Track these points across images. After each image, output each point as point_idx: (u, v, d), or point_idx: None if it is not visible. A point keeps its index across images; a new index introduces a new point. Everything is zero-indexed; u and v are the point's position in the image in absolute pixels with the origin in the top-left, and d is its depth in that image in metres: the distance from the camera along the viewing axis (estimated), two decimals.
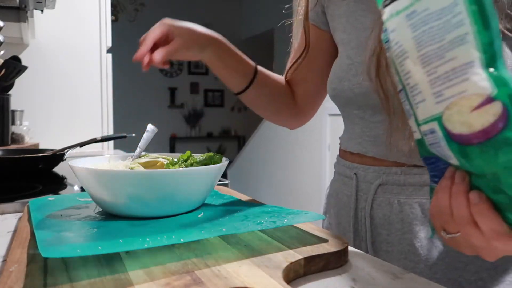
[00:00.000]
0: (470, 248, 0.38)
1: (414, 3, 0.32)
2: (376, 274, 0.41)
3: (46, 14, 1.63)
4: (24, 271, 0.36)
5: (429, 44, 0.31)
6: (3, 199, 0.68)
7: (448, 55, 0.30)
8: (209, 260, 0.39)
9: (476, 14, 0.29)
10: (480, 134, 0.29)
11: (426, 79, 0.32)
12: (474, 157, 0.31)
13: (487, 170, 0.31)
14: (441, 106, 0.31)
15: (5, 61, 1.38)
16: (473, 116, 0.29)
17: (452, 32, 0.30)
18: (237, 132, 6.83)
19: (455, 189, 0.35)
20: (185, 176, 0.50)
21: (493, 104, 0.28)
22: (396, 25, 0.34)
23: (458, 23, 0.29)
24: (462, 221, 0.35)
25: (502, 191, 0.31)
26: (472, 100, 0.29)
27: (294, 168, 3.44)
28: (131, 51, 0.72)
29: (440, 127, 0.32)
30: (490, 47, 0.29)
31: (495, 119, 0.28)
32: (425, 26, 0.31)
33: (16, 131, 1.58)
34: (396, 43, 0.34)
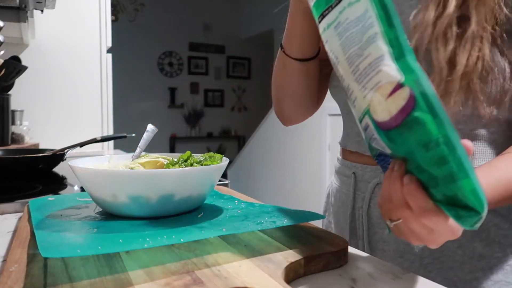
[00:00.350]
0: (412, 235, 0.39)
1: (339, 16, 0.37)
2: (376, 274, 0.41)
3: (46, 14, 1.63)
4: (24, 271, 0.36)
5: (352, 47, 0.36)
6: (3, 199, 0.68)
7: (365, 52, 0.35)
8: (209, 260, 0.39)
9: (382, 16, 0.34)
10: (396, 117, 0.33)
11: (353, 78, 0.37)
12: (396, 140, 0.34)
13: (406, 150, 0.34)
14: (367, 100, 0.36)
15: (5, 61, 1.38)
16: (389, 103, 0.33)
17: (366, 33, 0.35)
18: (237, 132, 6.83)
19: (393, 175, 0.37)
20: (185, 176, 0.50)
21: (403, 90, 0.32)
22: (328, 36, 0.39)
23: (370, 25, 0.35)
24: (398, 203, 0.37)
25: (423, 169, 0.34)
26: (386, 88, 0.33)
27: (294, 168, 3.44)
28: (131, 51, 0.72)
29: (370, 119, 0.36)
30: (396, 42, 0.33)
31: (405, 102, 0.32)
32: (347, 32, 0.36)
33: (16, 131, 1.58)
34: (331, 51, 0.39)
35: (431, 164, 0.33)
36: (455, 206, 0.34)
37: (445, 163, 0.31)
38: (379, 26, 0.34)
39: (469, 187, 0.31)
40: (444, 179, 0.32)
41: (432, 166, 0.33)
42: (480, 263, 0.57)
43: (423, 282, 0.40)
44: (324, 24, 0.39)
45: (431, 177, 0.34)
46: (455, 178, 0.31)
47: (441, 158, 0.31)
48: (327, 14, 0.38)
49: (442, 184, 0.33)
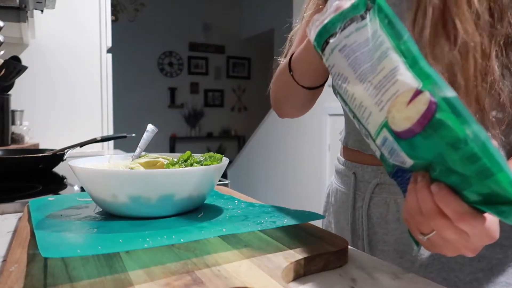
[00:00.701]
0: (448, 247, 0.38)
1: (343, 40, 0.39)
2: (376, 274, 0.41)
3: (46, 14, 1.63)
4: (24, 271, 0.36)
5: (363, 64, 0.37)
6: (3, 199, 0.68)
7: (378, 68, 0.36)
8: (209, 260, 0.39)
9: (390, 32, 0.36)
10: (419, 123, 0.33)
11: (366, 94, 0.37)
12: (420, 146, 0.34)
13: (434, 154, 0.34)
14: (384, 112, 0.36)
15: (5, 61, 1.38)
16: (409, 109, 0.34)
17: (378, 51, 0.36)
18: (237, 132, 6.83)
19: (418, 186, 0.37)
20: (185, 176, 0.50)
21: (422, 95, 0.33)
22: (333, 60, 0.40)
23: (381, 42, 0.36)
24: (430, 214, 0.36)
25: (453, 172, 0.34)
26: (405, 96, 0.34)
27: (294, 168, 3.44)
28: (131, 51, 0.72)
29: (389, 132, 0.36)
30: (408, 52, 0.35)
31: (427, 106, 0.33)
32: (356, 53, 0.38)
33: (16, 131, 1.58)
34: (337, 74, 0.40)
35: (462, 163, 0.32)
36: (493, 204, 0.33)
37: (477, 159, 0.31)
38: (389, 42, 0.36)
39: (506, 179, 0.31)
40: (478, 177, 0.32)
41: (463, 165, 0.32)
42: (480, 264, 0.57)
43: (423, 282, 0.40)
44: (328, 50, 0.40)
45: (463, 178, 0.33)
46: (489, 173, 0.31)
47: (472, 155, 0.31)
48: (331, 40, 0.40)
49: (476, 182, 0.32)
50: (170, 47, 6.20)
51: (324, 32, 0.40)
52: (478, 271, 0.57)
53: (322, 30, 0.40)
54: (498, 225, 0.38)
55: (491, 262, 0.57)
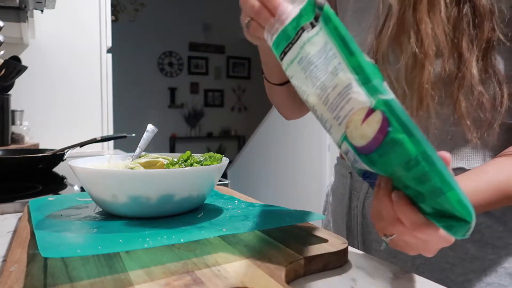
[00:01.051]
0: (408, 247, 0.40)
1: (300, 51, 0.39)
2: (376, 274, 0.41)
3: (46, 14, 1.63)
4: (24, 271, 0.36)
5: (318, 79, 0.37)
6: (3, 199, 0.68)
7: (332, 83, 0.36)
8: (209, 260, 0.39)
9: (342, 46, 0.36)
10: (373, 141, 0.34)
11: (325, 108, 0.38)
12: (378, 163, 0.35)
13: (390, 171, 0.35)
14: (342, 126, 0.36)
15: (5, 61, 1.38)
16: (364, 128, 0.34)
17: (330, 65, 0.36)
18: (237, 132, 6.83)
19: (380, 193, 0.38)
20: (185, 176, 0.50)
21: (375, 114, 0.33)
22: (293, 72, 0.40)
23: (332, 56, 0.36)
24: (390, 220, 0.38)
25: (408, 187, 0.35)
26: (359, 114, 0.34)
27: (294, 168, 3.44)
28: (131, 51, 0.72)
29: (349, 145, 0.37)
30: (360, 68, 0.34)
31: (380, 126, 0.33)
32: (312, 65, 0.38)
33: (16, 131, 1.58)
34: (298, 86, 0.40)
35: (414, 182, 0.33)
36: (444, 218, 0.34)
37: (428, 179, 0.32)
38: (341, 56, 0.35)
39: (455, 198, 0.32)
40: (430, 194, 0.33)
41: (416, 183, 0.33)
42: (472, 264, 0.56)
43: (423, 282, 0.40)
44: (287, 61, 0.40)
45: (417, 193, 0.34)
46: (440, 192, 0.32)
47: (423, 175, 0.32)
48: (288, 51, 0.40)
49: (429, 199, 0.34)
50: (170, 47, 6.20)
51: (280, 42, 0.41)
52: (469, 271, 0.56)
53: (278, 40, 0.41)
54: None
55: (484, 263, 0.56)
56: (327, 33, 0.36)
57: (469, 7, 0.50)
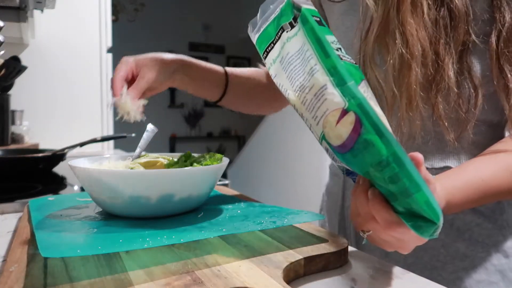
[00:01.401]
0: (384, 243, 0.41)
1: (281, 51, 0.39)
2: (376, 274, 0.41)
3: (46, 14, 1.62)
4: (24, 271, 0.36)
5: (297, 79, 0.38)
6: (3, 199, 0.68)
7: (309, 84, 0.37)
8: (209, 260, 0.39)
9: (317, 48, 0.36)
10: (348, 142, 0.35)
11: (304, 108, 0.38)
12: (352, 162, 0.36)
13: (363, 170, 0.36)
14: (320, 126, 0.37)
15: (5, 61, 1.38)
16: (338, 128, 0.35)
17: (307, 65, 0.37)
18: (237, 132, 6.83)
19: (358, 190, 0.39)
20: (185, 176, 0.50)
21: (348, 115, 0.34)
22: (275, 71, 0.41)
23: (308, 57, 0.37)
24: (366, 217, 0.39)
25: (381, 186, 0.36)
26: (334, 115, 0.35)
27: (294, 168, 3.44)
28: (131, 51, 0.72)
29: (327, 143, 0.38)
30: (334, 70, 0.35)
31: (353, 126, 0.34)
32: (291, 65, 0.39)
33: (16, 131, 1.58)
34: (280, 84, 0.41)
35: (385, 182, 0.34)
36: (414, 217, 0.35)
37: (398, 180, 0.33)
38: (316, 58, 0.36)
39: (422, 199, 0.33)
40: (401, 194, 0.34)
41: (387, 183, 0.34)
42: (463, 262, 0.57)
43: (423, 282, 0.40)
44: (269, 60, 0.41)
45: (390, 192, 0.35)
46: (409, 192, 0.33)
47: (393, 175, 0.33)
48: (270, 50, 0.40)
49: (400, 198, 0.34)
50: (170, 47, 6.18)
51: (262, 41, 0.41)
52: (460, 269, 0.57)
53: (260, 39, 0.41)
54: None
55: (474, 261, 0.57)
56: (304, 33, 0.37)
57: (446, 10, 0.51)
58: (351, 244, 0.65)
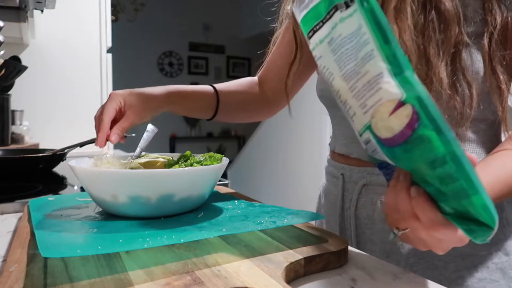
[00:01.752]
0: (420, 243, 0.39)
1: (331, 32, 0.36)
2: (376, 274, 0.41)
3: (46, 14, 1.62)
4: (24, 271, 0.36)
5: (347, 63, 0.35)
6: (3, 199, 0.68)
7: (362, 70, 0.34)
8: (209, 260, 0.39)
9: (377, 32, 0.33)
10: (400, 135, 0.32)
11: (351, 95, 0.36)
12: (401, 157, 0.34)
13: (413, 166, 0.34)
14: (368, 116, 0.35)
15: (5, 61, 1.38)
16: (391, 120, 0.33)
17: (362, 50, 0.34)
18: (237, 132, 6.83)
19: (399, 186, 0.37)
20: (185, 176, 0.50)
21: (405, 107, 0.32)
22: (321, 52, 0.38)
23: (365, 42, 0.34)
24: (406, 214, 0.37)
25: (430, 184, 0.34)
26: (388, 106, 0.33)
27: (294, 168, 3.44)
28: (131, 51, 0.73)
29: (372, 135, 0.35)
30: (393, 58, 0.33)
31: (409, 120, 0.32)
32: (342, 48, 0.36)
33: (16, 131, 1.58)
34: (324, 67, 0.38)
35: (439, 181, 0.32)
36: (466, 220, 0.33)
37: (454, 180, 0.31)
38: (374, 43, 0.33)
39: (480, 203, 0.31)
40: (454, 196, 0.32)
41: (440, 183, 0.32)
42: (464, 261, 0.58)
43: (423, 282, 0.40)
44: (315, 40, 0.38)
45: (440, 192, 0.33)
46: (465, 194, 0.31)
47: (449, 175, 0.31)
48: (318, 29, 0.37)
49: (452, 199, 0.32)
50: (170, 47, 6.20)
51: (309, 19, 0.38)
52: (462, 268, 0.57)
53: (307, 17, 0.38)
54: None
55: (475, 260, 0.57)
56: (363, 15, 0.34)
57: (435, 13, 0.51)
58: (352, 246, 0.65)
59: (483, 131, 0.58)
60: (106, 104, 0.63)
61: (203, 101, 0.76)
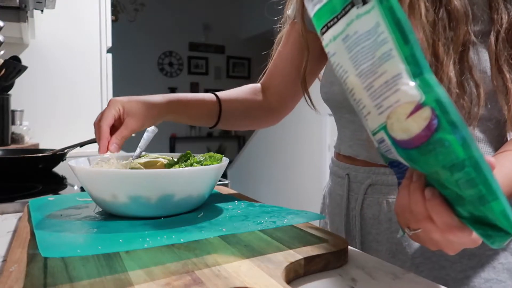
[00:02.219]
0: (432, 243, 0.39)
1: (346, 28, 0.35)
2: (376, 274, 0.41)
3: (46, 14, 1.63)
4: (24, 271, 0.36)
5: (364, 62, 0.34)
6: (3, 199, 0.68)
7: (380, 70, 0.33)
8: (209, 260, 0.39)
9: (396, 32, 0.32)
10: (417, 138, 0.32)
11: (366, 94, 0.35)
12: (417, 160, 0.33)
13: (429, 169, 0.33)
14: (383, 116, 0.34)
15: (5, 61, 1.38)
16: (409, 122, 0.32)
17: (379, 50, 0.33)
18: (237, 132, 6.83)
19: (412, 187, 0.37)
20: (185, 176, 0.50)
21: (423, 110, 0.31)
22: (335, 49, 0.37)
23: (383, 41, 0.33)
24: (419, 216, 0.37)
25: (447, 187, 0.33)
26: (406, 108, 0.32)
27: (294, 168, 3.44)
28: (131, 51, 0.73)
29: (387, 135, 0.35)
30: (413, 59, 0.32)
31: (427, 123, 0.31)
32: (358, 46, 0.34)
33: (16, 131, 1.58)
34: (338, 64, 0.37)
35: (457, 186, 0.31)
36: (483, 225, 0.33)
37: (473, 185, 0.30)
38: (393, 42, 0.32)
39: (499, 208, 0.30)
40: (472, 200, 0.31)
41: (458, 188, 0.31)
42: (471, 261, 0.57)
43: (423, 282, 0.40)
44: (329, 36, 0.37)
45: (457, 195, 0.32)
46: (484, 200, 0.30)
47: (468, 180, 0.30)
48: (333, 25, 0.36)
49: (470, 204, 0.32)
50: (170, 47, 6.20)
51: (323, 14, 0.36)
52: (468, 268, 0.57)
53: (321, 12, 0.37)
54: None
55: (482, 260, 0.57)
56: (380, 13, 0.32)
57: (444, 11, 0.51)
58: (357, 246, 0.65)
59: (490, 130, 0.58)
60: (105, 111, 0.62)
61: (204, 109, 0.75)
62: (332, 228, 0.72)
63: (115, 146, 0.61)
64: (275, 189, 3.77)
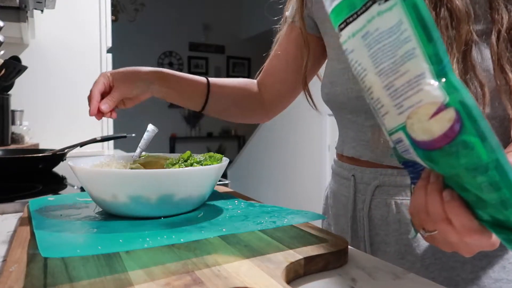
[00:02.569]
0: (447, 245, 0.39)
1: (367, 25, 0.34)
2: (376, 274, 0.41)
3: (46, 14, 1.63)
4: (24, 271, 0.36)
5: (384, 60, 0.33)
6: (3, 199, 0.68)
7: (401, 69, 0.32)
8: (209, 260, 0.39)
9: (420, 30, 0.31)
10: (440, 139, 0.31)
11: (386, 93, 0.34)
12: (438, 161, 0.32)
13: (451, 172, 0.33)
14: (403, 116, 0.33)
15: (5, 61, 1.38)
16: (431, 124, 0.31)
17: (402, 48, 0.32)
18: (237, 132, 6.83)
19: (430, 188, 0.36)
20: (185, 176, 0.50)
21: (447, 111, 0.30)
22: (353, 46, 0.36)
23: (406, 39, 0.32)
24: (437, 218, 0.36)
25: (468, 190, 0.32)
26: (428, 109, 0.31)
27: (294, 168, 3.44)
28: (131, 51, 0.73)
29: (405, 136, 0.34)
30: (436, 58, 0.31)
31: (451, 125, 0.30)
32: (379, 44, 0.33)
33: (16, 131, 1.58)
34: (356, 61, 0.36)
35: (479, 189, 0.31)
36: (504, 229, 0.32)
37: (497, 189, 0.30)
38: (416, 41, 0.31)
39: None
40: (495, 204, 0.31)
41: (480, 191, 0.31)
42: (481, 262, 0.57)
43: (424, 283, 0.40)
44: (347, 32, 0.36)
45: (479, 199, 0.32)
46: (508, 204, 0.30)
47: (492, 184, 0.30)
48: (352, 21, 0.35)
49: (492, 208, 0.31)
50: (170, 47, 6.20)
51: (341, 10, 0.36)
52: (479, 269, 0.57)
53: (340, 7, 0.36)
54: None
55: (492, 260, 0.57)
56: (404, 10, 0.31)
57: (446, 11, 0.51)
58: (365, 247, 0.65)
59: (495, 129, 0.57)
60: (96, 80, 0.67)
61: (192, 90, 0.77)
62: (336, 230, 0.72)
63: (106, 106, 0.65)
64: (275, 189, 3.77)
